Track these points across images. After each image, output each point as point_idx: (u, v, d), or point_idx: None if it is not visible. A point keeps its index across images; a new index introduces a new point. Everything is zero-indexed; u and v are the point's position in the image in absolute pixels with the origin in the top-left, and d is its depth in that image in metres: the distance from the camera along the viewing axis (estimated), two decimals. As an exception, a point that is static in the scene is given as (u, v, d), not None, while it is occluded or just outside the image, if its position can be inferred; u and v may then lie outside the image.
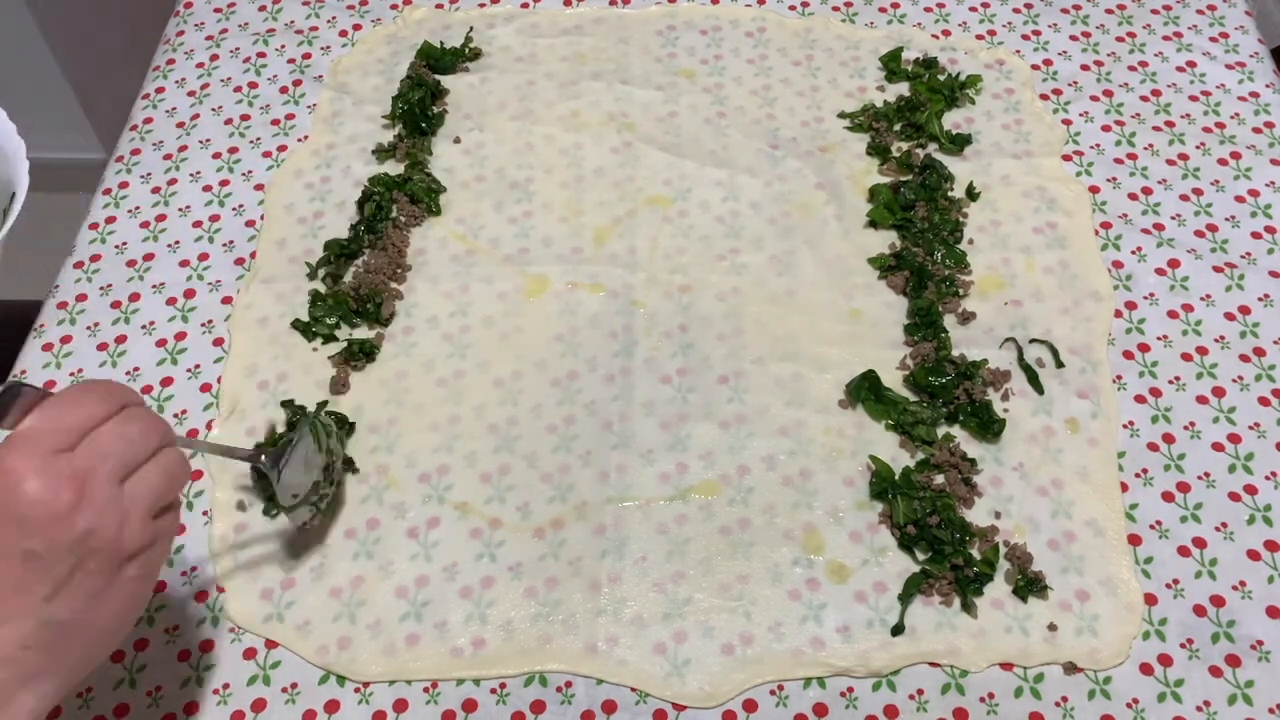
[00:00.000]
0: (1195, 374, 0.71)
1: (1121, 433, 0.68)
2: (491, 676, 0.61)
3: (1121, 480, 0.67)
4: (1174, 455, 0.68)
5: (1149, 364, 0.71)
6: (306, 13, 0.94)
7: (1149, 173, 0.81)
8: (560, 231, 0.79)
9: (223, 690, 0.60)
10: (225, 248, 0.79)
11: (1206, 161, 0.82)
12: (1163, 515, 0.65)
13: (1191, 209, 0.79)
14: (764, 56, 0.90)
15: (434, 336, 0.74)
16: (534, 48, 0.91)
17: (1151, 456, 0.68)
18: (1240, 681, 0.59)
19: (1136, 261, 0.76)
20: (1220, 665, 0.60)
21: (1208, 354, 0.72)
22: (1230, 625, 0.61)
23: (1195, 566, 0.63)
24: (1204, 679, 0.60)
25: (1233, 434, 0.68)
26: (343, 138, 0.85)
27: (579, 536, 0.65)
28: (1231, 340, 0.72)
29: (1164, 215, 0.79)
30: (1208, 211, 0.79)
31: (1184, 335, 0.73)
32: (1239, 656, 0.60)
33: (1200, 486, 0.66)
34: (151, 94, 0.89)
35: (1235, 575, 0.63)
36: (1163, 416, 0.69)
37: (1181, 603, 0.62)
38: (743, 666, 0.61)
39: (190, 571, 0.64)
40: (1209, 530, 0.65)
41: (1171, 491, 0.66)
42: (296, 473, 0.60)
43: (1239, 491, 0.66)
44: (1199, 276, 0.75)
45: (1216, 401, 0.70)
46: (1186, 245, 0.77)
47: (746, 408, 0.70)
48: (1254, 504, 0.65)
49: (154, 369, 0.72)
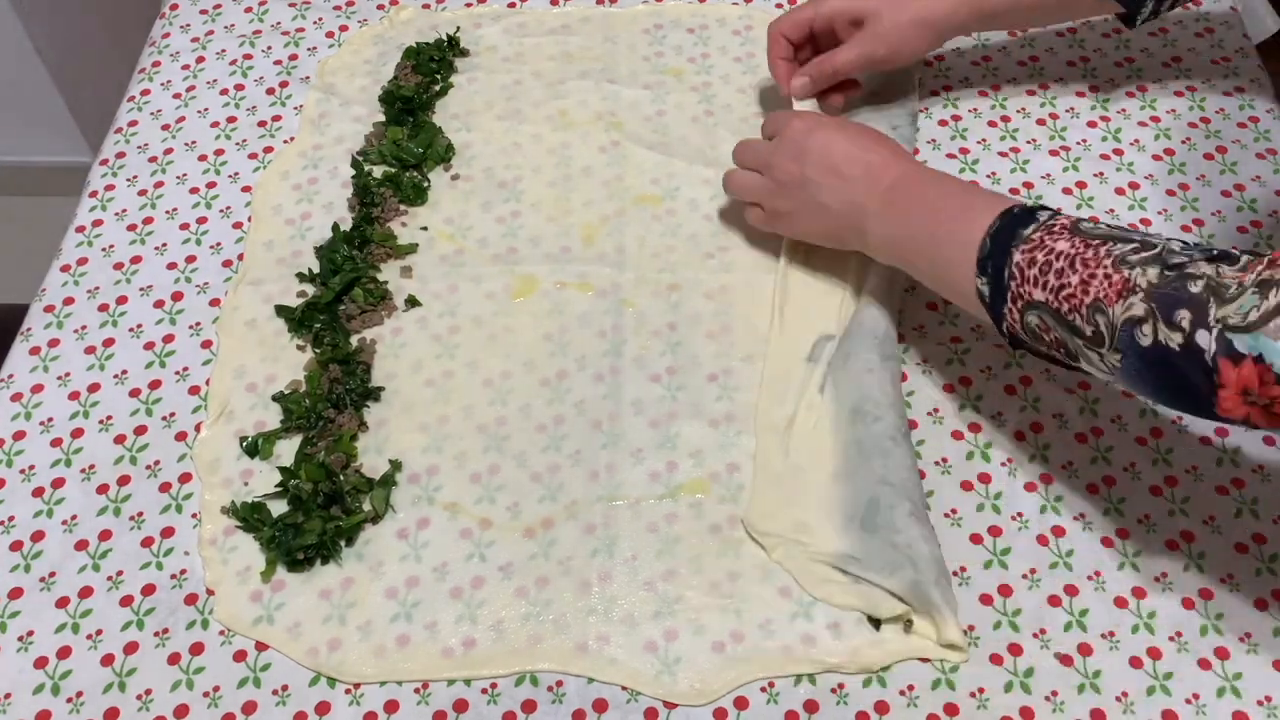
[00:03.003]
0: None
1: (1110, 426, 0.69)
2: (482, 676, 0.60)
3: (1108, 474, 0.67)
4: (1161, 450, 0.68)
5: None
6: (293, 14, 0.94)
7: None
8: (548, 231, 0.79)
9: (213, 693, 0.60)
10: (213, 250, 0.78)
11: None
12: (1151, 509, 0.66)
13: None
14: (751, 55, 0.90)
15: (422, 337, 0.74)
16: (521, 47, 0.91)
17: (1138, 450, 0.68)
18: (1229, 674, 0.60)
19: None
20: (1209, 658, 0.60)
21: None
22: (1218, 618, 0.62)
23: (1184, 560, 0.64)
24: (1194, 672, 0.60)
25: (1219, 428, 0.69)
26: (329, 139, 0.85)
27: (569, 536, 0.65)
28: None
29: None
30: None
31: None
32: (1227, 649, 0.60)
33: (1188, 480, 0.67)
34: (137, 96, 0.88)
35: (1223, 569, 0.63)
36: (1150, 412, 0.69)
37: (1170, 596, 0.62)
38: (733, 664, 0.61)
39: (179, 574, 0.64)
40: (1197, 524, 0.65)
41: (1160, 486, 0.66)
42: None
43: (1227, 485, 0.66)
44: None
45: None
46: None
47: (735, 406, 0.70)
48: (1240, 497, 0.66)
49: (142, 372, 0.72)
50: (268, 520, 0.65)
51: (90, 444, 0.69)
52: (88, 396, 0.71)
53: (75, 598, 0.63)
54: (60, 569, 0.64)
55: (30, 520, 0.66)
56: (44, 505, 0.66)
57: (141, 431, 0.69)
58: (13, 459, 0.68)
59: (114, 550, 0.65)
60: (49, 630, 0.62)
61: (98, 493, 0.67)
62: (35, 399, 0.71)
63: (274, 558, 0.64)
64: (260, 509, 0.65)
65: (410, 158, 0.82)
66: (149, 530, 0.65)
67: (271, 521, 0.65)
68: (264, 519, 0.65)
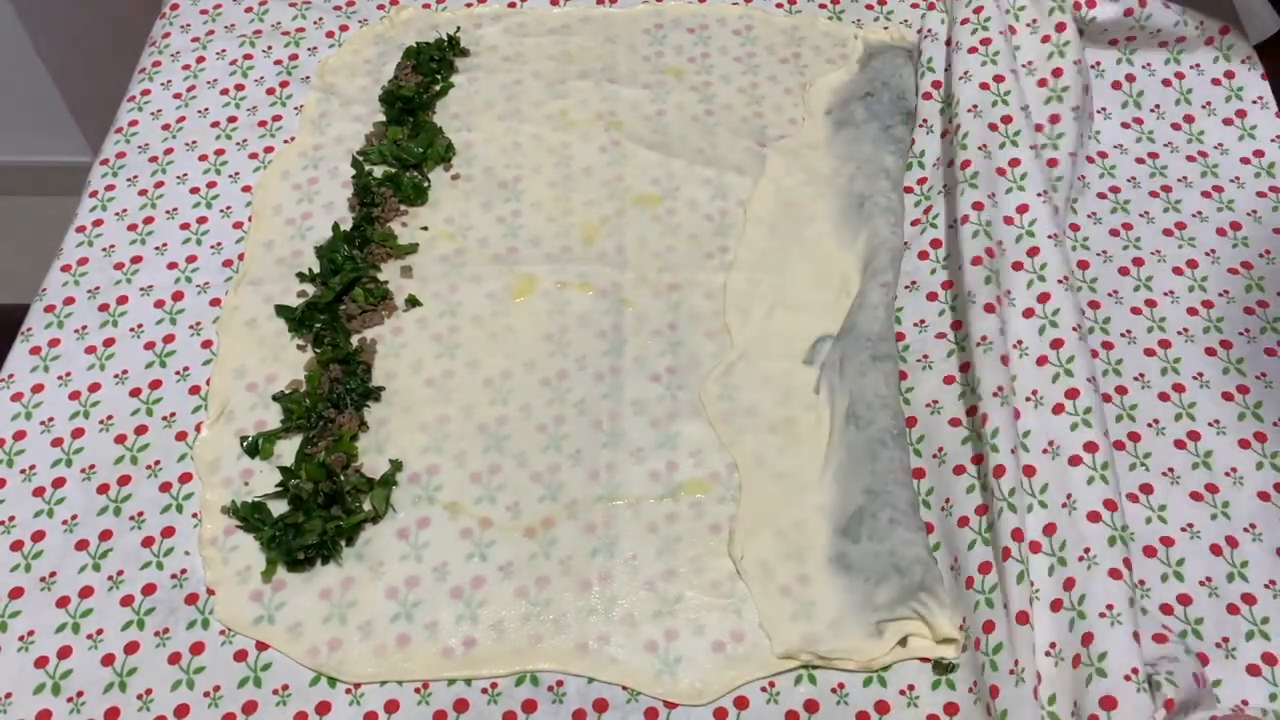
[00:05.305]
0: (1159, 369, 0.71)
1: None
2: (483, 676, 0.61)
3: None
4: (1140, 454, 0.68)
5: (1113, 361, 0.72)
6: (293, 14, 0.94)
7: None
8: (549, 231, 0.79)
9: (213, 693, 0.60)
10: (213, 250, 0.78)
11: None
12: (1144, 495, 0.66)
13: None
14: (751, 54, 0.90)
15: (423, 337, 0.74)
16: (521, 47, 0.91)
17: (1118, 455, 0.68)
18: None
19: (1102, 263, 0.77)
20: (1208, 653, 0.60)
21: (1170, 347, 0.72)
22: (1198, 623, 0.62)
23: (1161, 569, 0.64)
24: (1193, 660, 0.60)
25: (1193, 430, 0.69)
26: (330, 139, 0.85)
27: (569, 536, 0.65)
28: (1195, 334, 0.73)
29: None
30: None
31: (1149, 332, 0.73)
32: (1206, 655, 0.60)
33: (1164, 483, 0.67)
34: (137, 96, 0.88)
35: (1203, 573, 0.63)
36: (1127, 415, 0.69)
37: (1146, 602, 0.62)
38: (734, 664, 0.61)
39: (180, 574, 0.64)
40: (1175, 530, 0.65)
41: (1136, 493, 0.66)
42: None
43: (1201, 491, 0.66)
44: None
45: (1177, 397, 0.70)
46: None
47: (736, 405, 0.70)
48: (1213, 502, 0.66)
49: (142, 372, 0.72)
50: (268, 520, 0.65)
51: (91, 444, 0.69)
52: (88, 396, 0.71)
53: (76, 597, 0.63)
54: (61, 569, 0.64)
55: (31, 520, 0.66)
56: (44, 505, 0.66)
57: (142, 431, 0.69)
58: (13, 459, 0.68)
59: (114, 550, 0.65)
60: (49, 630, 0.62)
61: (98, 493, 0.67)
62: (36, 399, 0.71)
63: (274, 558, 0.64)
64: (260, 509, 0.65)
65: (410, 158, 0.82)
66: (149, 530, 0.65)
67: (272, 521, 0.65)
68: (264, 519, 0.65)
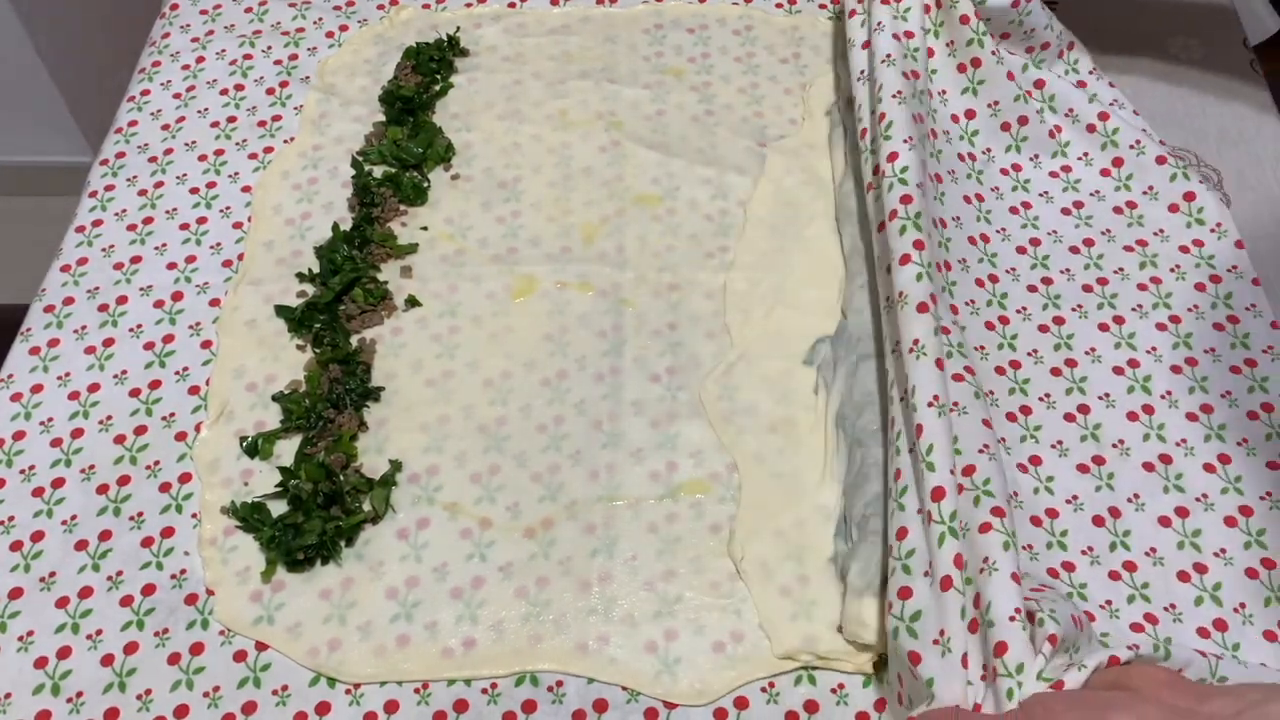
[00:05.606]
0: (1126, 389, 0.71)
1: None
2: (482, 676, 0.61)
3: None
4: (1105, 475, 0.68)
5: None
6: (293, 14, 0.94)
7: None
8: (548, 231, 0.79)
9: (213, 693, 0.60)
10: (213, 250, 0.78)
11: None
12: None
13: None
14: (751, 54, 0.90)
15: (422, 337, 0.74)
16: (521, 47, 0.91)
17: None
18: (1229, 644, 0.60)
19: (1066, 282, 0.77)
20: (1208, 628, 0.61)
21: (1138, 367, 0.71)
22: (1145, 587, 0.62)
23: (1109, 538, 0.64)
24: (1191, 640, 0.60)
25: (1163, 454, 0.69)
26: (329, 139, 0.85)
27: (569, 536, 0.65)
28: (1163, 352, 0.73)
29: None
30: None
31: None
32: (1225, 620, 0.61)
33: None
34: (137, 96, 0.88)
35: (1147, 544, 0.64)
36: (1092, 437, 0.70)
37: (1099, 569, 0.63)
38: (733, 664, 0.61)
39: (179, 574, 0.64)
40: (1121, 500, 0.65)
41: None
42: None
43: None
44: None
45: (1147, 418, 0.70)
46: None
47: (736, 405, 0.70)
48: (1166, 473, 0.66)
49: (142, 372, 0.72)
50: (268, 520, 0.65)
51: (90, 444, 0.69)
52: (88, 396, 0.71)
53: (75, 598, 0.63)
54: (60, 569, 0.64)
55: (30, 520, 0.66)
56: (44, 505, 0.66)
57: (141, 431, 0.69)
58: (13, 459, 0.68)
59: (114, 550, 0.65)
60: (49, 630, 0.62)
61: (98, 493, 0.67)
62: (35, 399, 0.71)
63: (274, 558, 0.64)
64: (260, 509, 0.65)
65: (410, 158, 0.82)
66: (149, 530, 0.65)
67: (271, 521, 0.65)
68: (264, 519, 0.65)
